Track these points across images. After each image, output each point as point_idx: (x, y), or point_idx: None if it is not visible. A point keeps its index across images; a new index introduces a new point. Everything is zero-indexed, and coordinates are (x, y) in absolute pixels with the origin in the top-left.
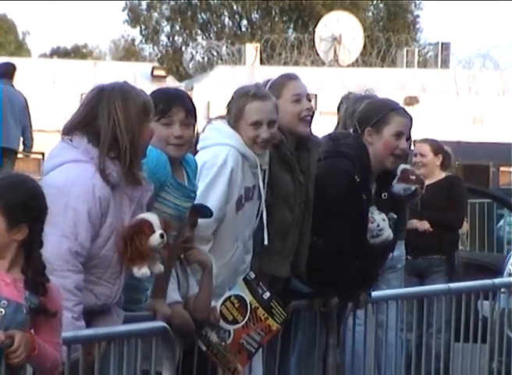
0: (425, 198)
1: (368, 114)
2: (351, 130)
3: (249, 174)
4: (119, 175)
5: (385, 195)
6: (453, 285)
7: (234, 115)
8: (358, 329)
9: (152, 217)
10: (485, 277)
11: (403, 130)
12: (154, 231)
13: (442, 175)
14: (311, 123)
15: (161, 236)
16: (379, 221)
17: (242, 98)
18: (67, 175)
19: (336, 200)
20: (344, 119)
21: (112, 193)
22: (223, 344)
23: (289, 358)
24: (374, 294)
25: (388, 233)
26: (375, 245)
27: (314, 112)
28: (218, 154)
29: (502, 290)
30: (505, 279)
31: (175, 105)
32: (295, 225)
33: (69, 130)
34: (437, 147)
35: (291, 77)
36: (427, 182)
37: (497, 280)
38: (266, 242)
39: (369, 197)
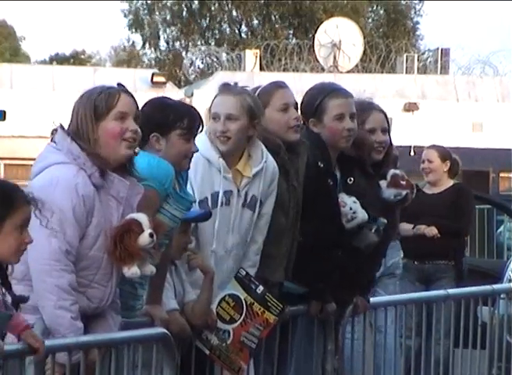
0: (433, 205)
1: (306, 106)
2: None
3: (218, 179)
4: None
5: (350, 180)
6: (451, 291)
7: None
8: (357, 335)
9: (141, 217)
10: (484, 283)
11: (343, 111)
12: (143, 230)
13: (450, 183)
14: (298, 129)
15: (151, 235)
16: (351, 204)
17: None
18: (51, 176)
19: (306, 191)
20: None
21: (97, 193)
22: (224, 345)
23: (286, 364)
24: (372, 299)
25: (362, 214)
26: (358, 240)
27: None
28: None
29: (501, 296)
30: (504, 285)
31: (198, 123)
32: (288, 229)
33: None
34: (444, 153)
35: (280, 86)
36: (435, 190)
37: (496, 286)
38: (214, 247)
39: (335, 182)
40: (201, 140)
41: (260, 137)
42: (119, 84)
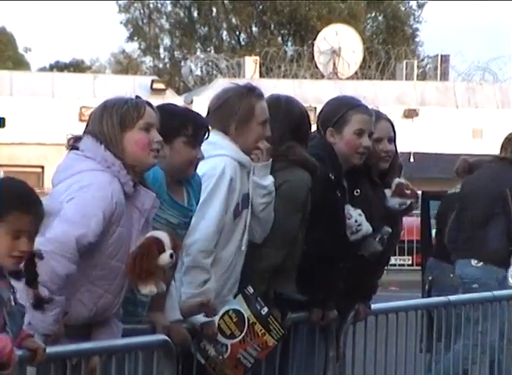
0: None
1: (328, 115)
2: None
3: (246, 180)
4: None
5: (357, 192)
6: (452, 298)
7: (242, 116)
8: (358, 343)
9: (164, 236)
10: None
11: (364, 128)
12: (164, 250)
13: None
14: None
15: (171, 256)
16: (356, 216)
17: (247, 97)
18: (85, 180)
19: (316, 202)
20: None
21: (125, 203)
22: (220, 358)
23: (288, 371)
24: (373, 306)
25: (367, 227)
26: (366, 251)
27: None
28: (216, 165)
29: (502, 302)
30: (504, 291)
31: (204, 129)
32: (299, 240)
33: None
34: None
35: None
36: None
37: (497, 293)
38: (243, 248)
39: (344, 194)
40: (227, 143)
41: (300, 158)
42: (137, 97)
